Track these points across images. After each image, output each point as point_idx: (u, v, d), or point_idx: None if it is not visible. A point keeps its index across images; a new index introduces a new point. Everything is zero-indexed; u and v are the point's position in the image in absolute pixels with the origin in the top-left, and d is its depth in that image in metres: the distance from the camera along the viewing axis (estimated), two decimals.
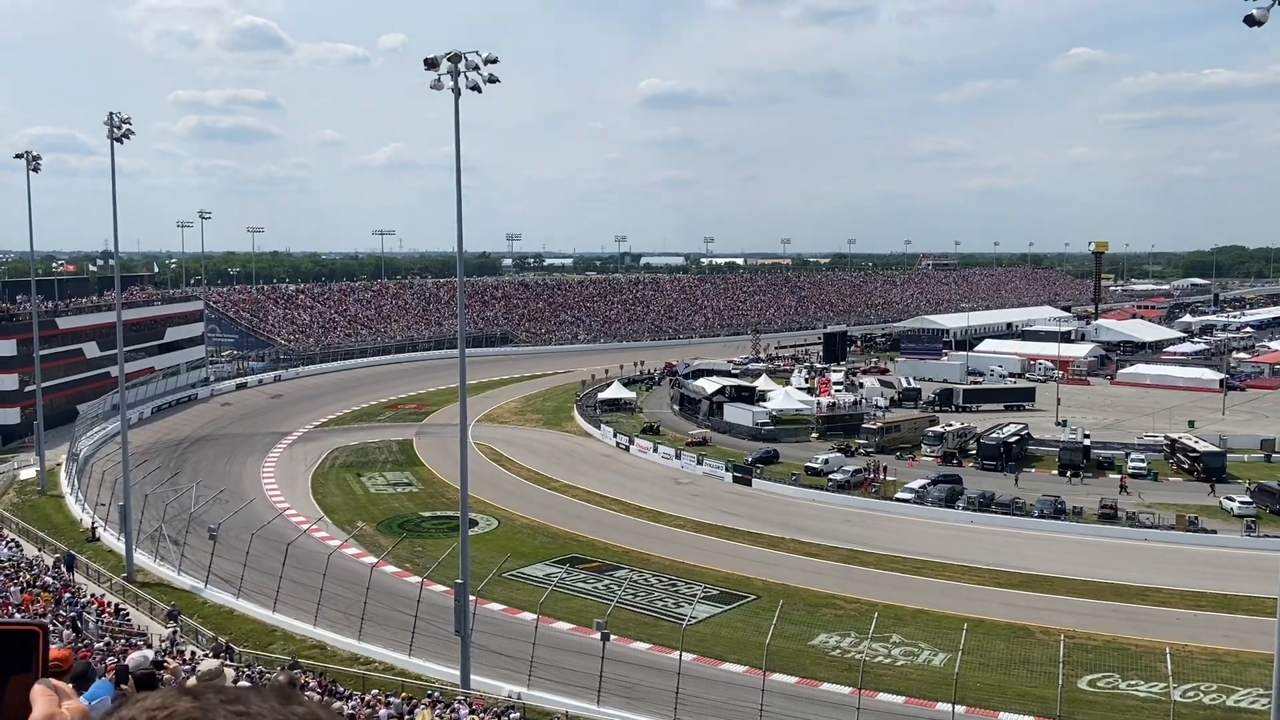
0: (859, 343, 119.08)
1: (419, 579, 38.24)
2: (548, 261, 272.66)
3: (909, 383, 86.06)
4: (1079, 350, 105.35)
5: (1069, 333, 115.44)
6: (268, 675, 25.41)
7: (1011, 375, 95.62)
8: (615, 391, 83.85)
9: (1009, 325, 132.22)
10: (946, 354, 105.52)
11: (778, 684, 31.08)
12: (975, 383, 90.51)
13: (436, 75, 31.29)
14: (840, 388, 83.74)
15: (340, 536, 45.58)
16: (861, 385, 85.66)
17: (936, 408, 77.83)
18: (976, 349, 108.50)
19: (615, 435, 70.31)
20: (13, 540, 41.61)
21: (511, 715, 27.25)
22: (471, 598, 32.28)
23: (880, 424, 69.17)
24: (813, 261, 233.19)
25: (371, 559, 41.83)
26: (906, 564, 45.25)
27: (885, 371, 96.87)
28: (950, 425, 67.36)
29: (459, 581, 31.50)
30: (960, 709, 29.27)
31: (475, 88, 31.71)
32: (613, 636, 33.48)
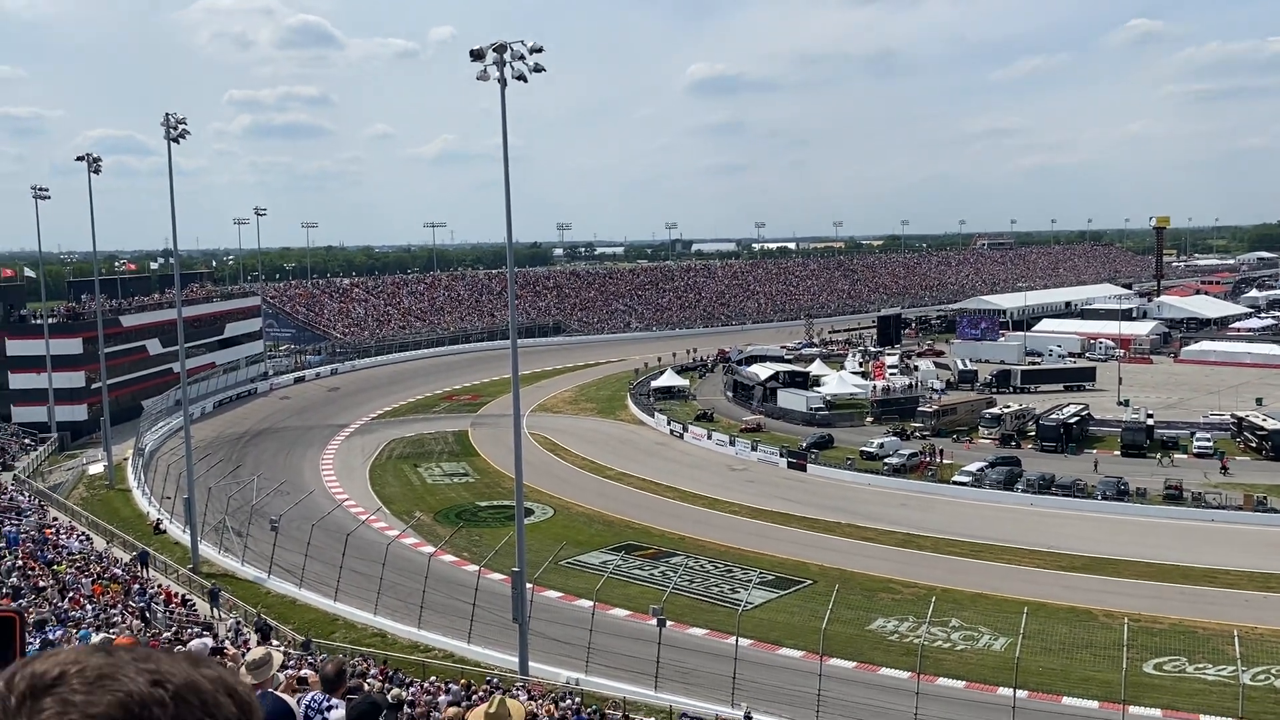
0: (914, 325, 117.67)
1: (476, 567, 38.62)
2: (598, 250, 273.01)
3: (965, 364, 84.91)
4: (1140, 328, 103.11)
5: (1130, 310, 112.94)
6: (324, 659, 25.82)
7: (1071, 355, 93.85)
8: (668, 379, 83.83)
9: (1068, 304, 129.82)
10: (1003, 335, 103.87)
11: (835, 669, 30.91)
12: (1033, 363, 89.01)
13: (483, 66, 31.41)
14: (895, 371, 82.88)
15: (398, 526, 46.19)
16: (917, 368, 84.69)
17: (994, 389, 76.74)
18: (1034, 329, 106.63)
19: (669, 423, 70.33)
20: (83, 534, 42.73)
21: (570, 701, 27.43)
22: (529, 585, 32.52)
23: (936, 407, 68.36)
24: (865, 244, 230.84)
25: (429, 548, 42.32)
26: (964, 547, 44.73)
27: (941, 354, 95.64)
28: (1008, 407, 66.39)
29: (516, 569, 31.75)
30: (1022, 694, 28.89)
31: (521, 78, 31.79)
32: (669, 622, 33.55)
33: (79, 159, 61.42)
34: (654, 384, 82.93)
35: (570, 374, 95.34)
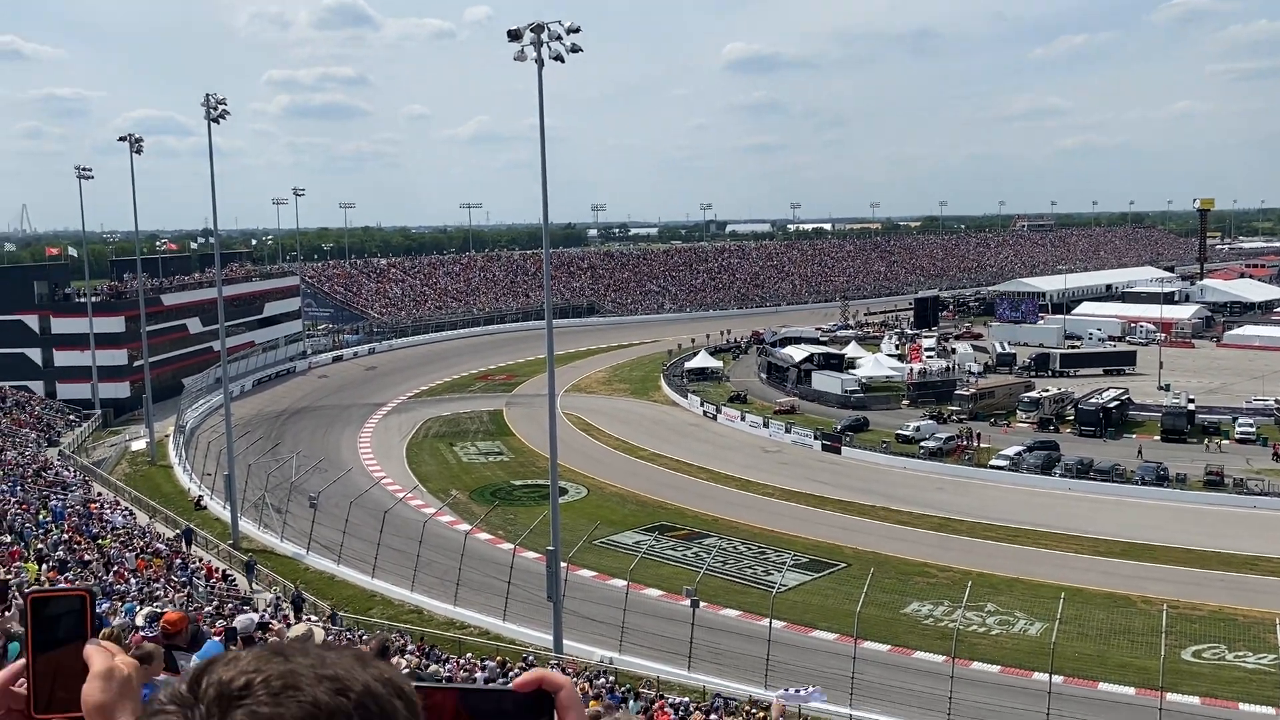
0: (951, 307, 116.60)
1: (511, 546, 38.94)
2: (632, 231, 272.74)
3: (1003, 348, 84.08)
4: (1183, 312, 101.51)
5: (1172, 294, 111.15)
6: (365, 637, 26.17)
7: (1111, 339, 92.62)
8: (702, 360, 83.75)
9: (1108, 287, 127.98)
10: (1043, 317, 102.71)
11: (869, 652, 30.90)
12: (1073, 347, 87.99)
13: (520, 47, 31.41)
14: (932, 354, 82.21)
15: (435, 504, 46.61)
16: (954, 351, 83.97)
17: (1032, 373, 75.94)
18: (1074, 312, 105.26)
19: (702, 404, 70.31)
20: (127, 509, 43.52)
21: (604, 679, 27.64)
22: (563, 564, 32.75)
23: (973, 390, 67.79)
24: (903, 225, 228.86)
25: (465, 526, 42.68)
26: (1001, 532, 44.44)
27: (979, 336, 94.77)
28: (1047, 390, 65.70)
29: (550, 548, 31.97)
30: (1058, 679, 28.71)
31: (558, 58, 31.77)
32: (702, 603, 33.68)
33: (121, 139, 62.15)
34: (687, 365, 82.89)
35: (604, 355, 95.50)
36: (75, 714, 1.27)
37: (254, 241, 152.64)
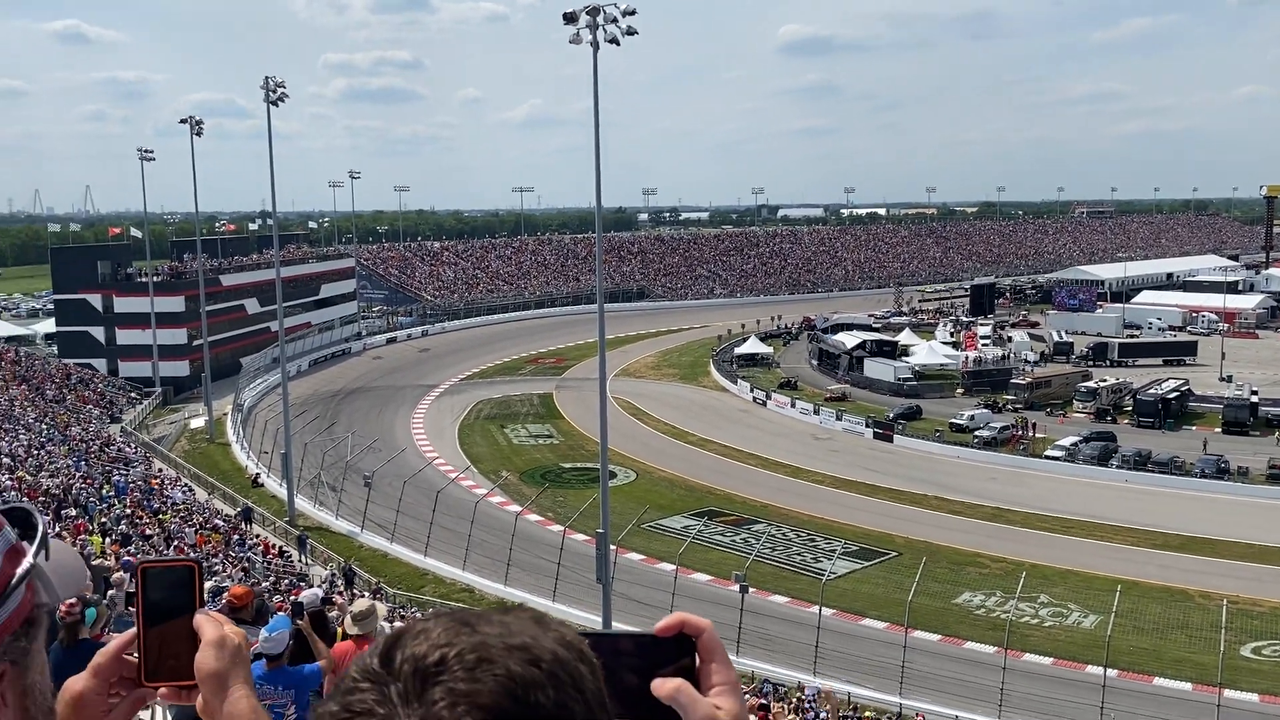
0: (1007, 295, 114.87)
1: (561, 528, 39.22)
2: (683, 215, 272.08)
3: (1061, 336, 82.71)
4: (1247, 301, 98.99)
5: (1236, 283, 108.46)
6: (416, 613, 26.55)
7: (1171, 328, 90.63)
8: (752, 346, 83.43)
9: (1169, 276, 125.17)
10: (1101, 306, 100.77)
11: (920, 641, 30.70)
12: (1132, 336, 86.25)
13: (575, 29, 31.42)
14: (987, 342, 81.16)
15: (486, 485, 47.05)
16: (1010, 339, 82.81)
17: (1090, 362, 74.63)
18: (1134, 301, 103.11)
19: (752, 390, 70.08)
20: (186, 485, 44.53)
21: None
22: (612, 547, 32.90)
23: (1029, 379, 66.81)
24: (959, 211, 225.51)
25: (515, 507, 43.04)
26: (1055, 523, 43.84)
27: (1035, 325, 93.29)
28: (1104, 380, 64.53)
29: (600, 531, 32.14)
30: (1112, 672, 28.32)
31: (614, 41, 31.73)
32: (751, 589, 33.67)
33: (182, 121, 63.32)
34: (737, 351, 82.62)
35: (653, 339, 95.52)
36: (184, 682, 1.30)
37: (311, 224, 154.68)
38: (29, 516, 1.14)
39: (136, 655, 1.33)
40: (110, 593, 14.39)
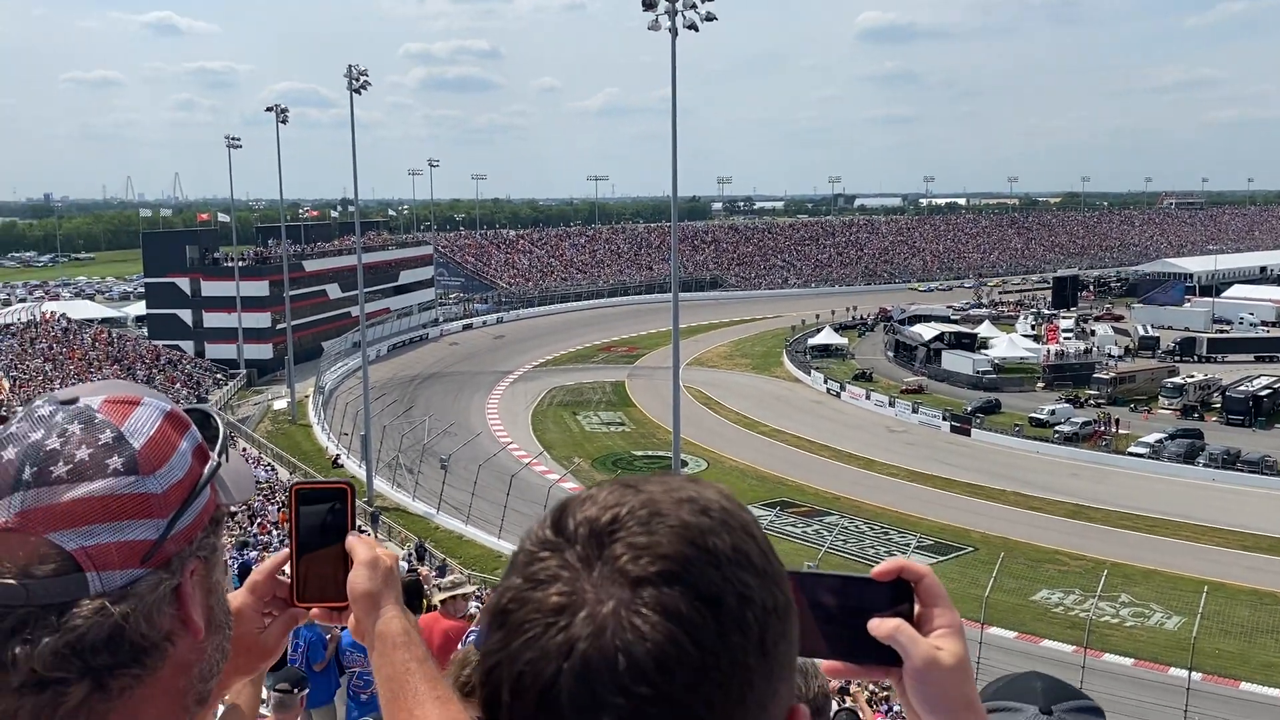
0: (1091, 287, 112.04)
1: None
2: (758, 204, 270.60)
3: (1146, 331, 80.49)
4: None
5: None
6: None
7: (1264, 324, 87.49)
8: (826, 337, 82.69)
9: (1263, 269, 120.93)
10: (1189, 300, 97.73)
11: (995, 637, 30.21)
12: (1222, 331, 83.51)
13: (654, 16, 31.41)
14: (1070, 335, 79.30)
15: (559, 471, 47.45)
16: (1093, 333, 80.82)
17: (1176, 358, 72.46)
18: (1224, 295, 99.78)
19: (826, 381, 69.49)
20: (269, 464, 45.73)
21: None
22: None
23: (1113, 374, 65.18)
24: (1041, 201, 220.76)
25: None
26: (1138, 521, 42.73)
27: (1120, 318, 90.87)
28: (1192, 376, 62.65)
29: None
30: (1196, 675, 27.57)
31: (692, 26, 31.68)
32: None
33: (267, 110, 64.86)
34: (811, 341, 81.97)
35: (726, 329, 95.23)
36: (333, 603, 1.34)
37: (391, 211, 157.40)
38: (209, 418, 1.14)
39: (289, 576, 1.35)
40: None
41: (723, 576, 0.77)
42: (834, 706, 7.98)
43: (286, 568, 1.37)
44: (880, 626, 1.00)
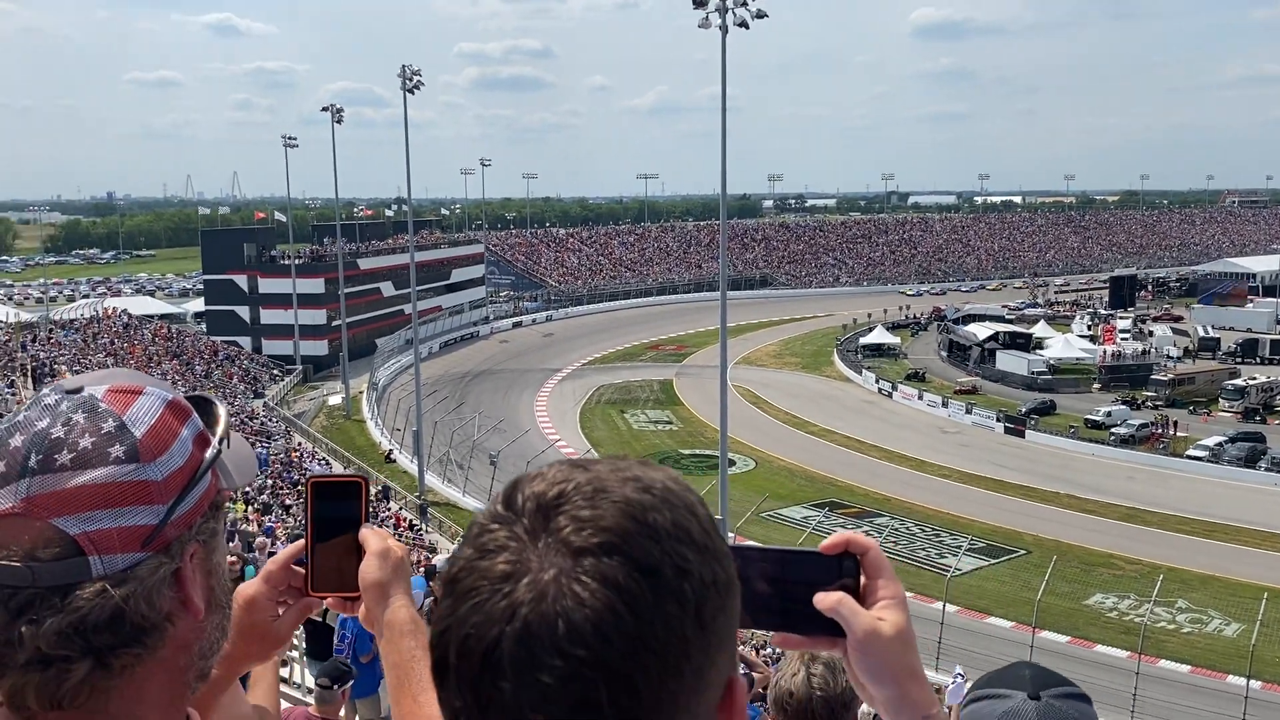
0: (1150, 287, 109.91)
1: None
2: (809, 202, 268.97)
3: (1206, 331, 78.74)
4: None
5: None
6: None
7: None
8: (878, 336, 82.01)
9: None
10: (1252, 300, 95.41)
11: (1047, 641, 29.80)
12: None
13: (704, 14, 31.40)
14: (1127, 335, 77.90)
15: None
16: (1151, 333, 79.28)
17: (1238, 359, 70.83)
18: None
19: (877, 381, 68.93)
20: (323, 459, 46.46)
21: (770, 650, 27.74)
22: (730, 535, 32.91)
23: (1172, 375, 63.89)
24: (1099, 199, 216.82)
25: None
26: (1196, 526, 41.86)
27: (1179, 319, 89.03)
28: (1254, 379, 61.21)
29: (718, 518, 32.24)
30: (1255, 684, 26.94)
31: (743, 24, 31.63)
32: None
33: (323, 110, 65.88)
34: (863, 340, 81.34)
35: (775, 328, 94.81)
36: (348, 593, 1.38)
37: (443, 210, 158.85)
38: (210, 405, 1.19)
39: (304, 566, 1.40)
40: (252, 554, 15.21)
41: (661, 550, 0.81)
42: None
43: (303, 558, 1.42)
44: (824, 599, 1.04)
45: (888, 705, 1.08)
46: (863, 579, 1.08)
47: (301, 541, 1.41)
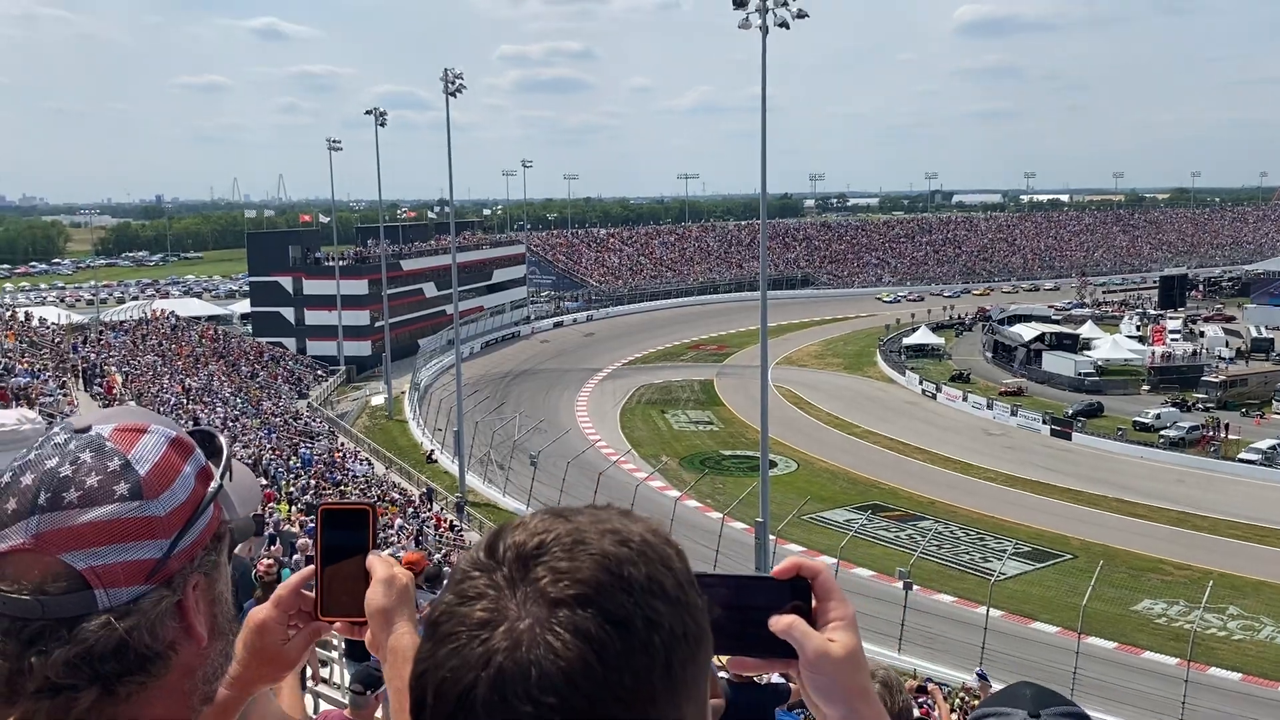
0: (1201, 287, 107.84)
1: (719, 515, 39.24)
2: (851, 201, 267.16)
3: (1260, 332, 77.04)
4: None
5: None
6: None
7: None
8: (922, 336, 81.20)
9: None
10: None
11: (1093, 647, 29.31)
12: None
13: (744, 14, 31.23)
14: (1177, 336, 76.45)
15: (646, 469, 47.57)
16: (1202, 334, 77.74)
17: None
18: None
19: (921, 382, 68.23)
20: (366, 459, 46.85)
21: None
22: (771, 537, 32.73)
23: (1223, 377, 62.59)
24: (1149, 197, 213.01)
25: (674, 493, 43.35)
26: (1248, 531, 40.95)
27: (1231, 319, 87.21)
28: None
29: (759, 520, 32.06)
30: None
31: (783, 24, 31.42)
32: (915, 586, 32.87)
33: (367, 113, 66.39)
34: (906, 341, 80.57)
35: (817, 328, 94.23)
36: (355, 618, 1.40)
37: (485, 211, 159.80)
38: (213, 440, 1.23)
39: (314, 591, 1.41)
40: (294, 556, 15.31)
41: (634, 602, 0.84)
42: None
43: (312, 583, 1.43)
44: (777, 623, 1.07)
45: None
46: (814, 602, 1.11)
47: (311, 567, 1.43)
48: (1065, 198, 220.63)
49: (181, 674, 1.11)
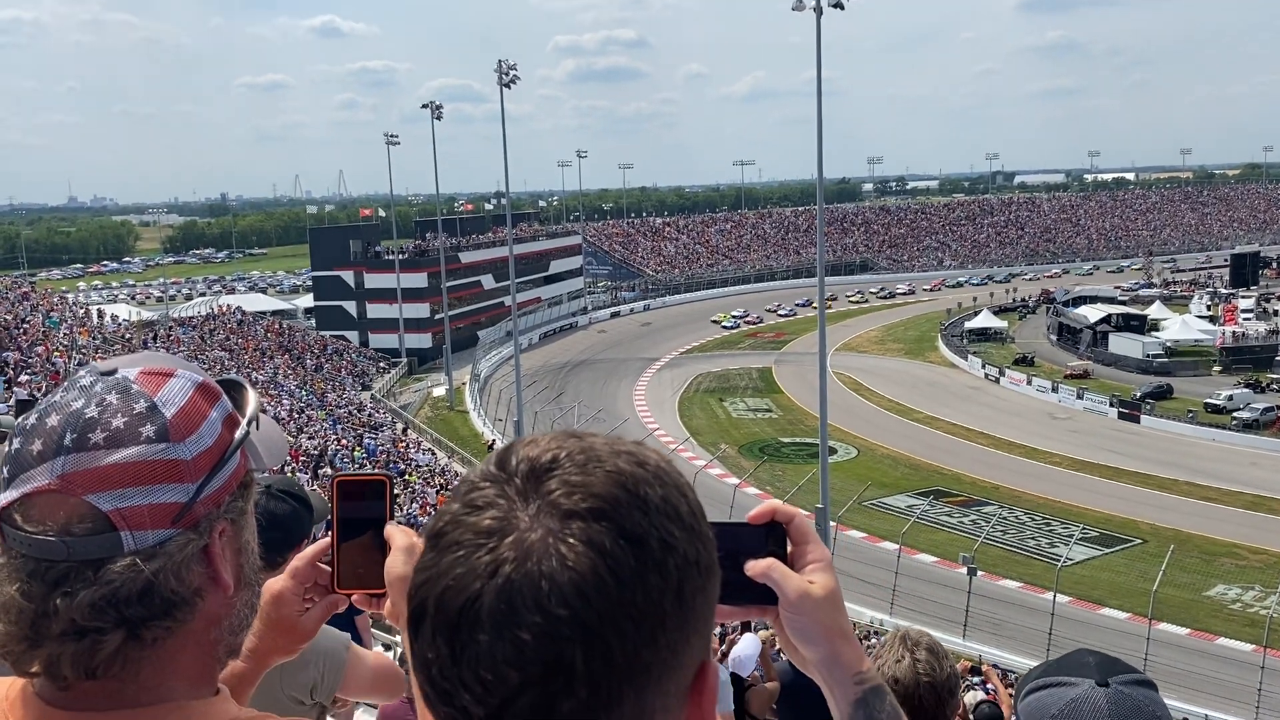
0: (1274, 265, 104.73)
1: (779, 502, 39.06)
2: (910, 185, 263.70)
3: None
4: None
5: None
6: None
7: None
8: (984, 320, 79.97)
9: None
10: None
11: (1165, 634, 28.71)
12: None
13: None
14: (1250, 315, 74.33)
15: (705, 457, 47.52)
16: (1276, 313, 75.50)
17: None
18: None
19: (984, 366, 67.25)
20: (428, 449, 47.48)
21: (874, 640, 27.38)
22: (832, 523, 32.55)
23: None
24: (1218, 174, 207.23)
25: (734, 480, 43.27)
26: None
27: None
28: None
29: (819, 506, 31.93)
30: None
31: (837, 5, 31.10)
32: (980, 572, 32.49)
33: (423, 107, 67.12)
34: (968, 325, 79.43)
35: (876, 313, 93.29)
36: (372, 590, 1.36)
37: (541, 202, 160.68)
38: (242, 388, 1.22)
39: (330, 563, 1.39)
40: None
41: (649, 522, 0.82)
42: (974, 694, 7.74)
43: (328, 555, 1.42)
44: (755, 566, 1.08)
45: (820, 664, 1.12)
46: (790, 546, 1.11)
47: (327, 539, 1.41)
48: (1131, 176, 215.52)
49: (207, 622, 1.11)
